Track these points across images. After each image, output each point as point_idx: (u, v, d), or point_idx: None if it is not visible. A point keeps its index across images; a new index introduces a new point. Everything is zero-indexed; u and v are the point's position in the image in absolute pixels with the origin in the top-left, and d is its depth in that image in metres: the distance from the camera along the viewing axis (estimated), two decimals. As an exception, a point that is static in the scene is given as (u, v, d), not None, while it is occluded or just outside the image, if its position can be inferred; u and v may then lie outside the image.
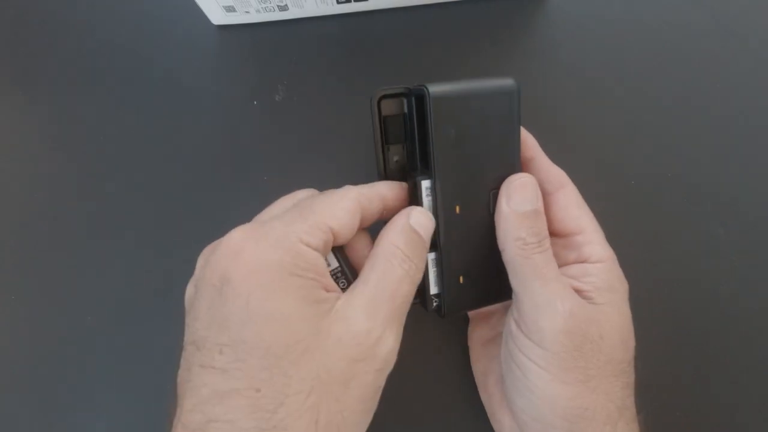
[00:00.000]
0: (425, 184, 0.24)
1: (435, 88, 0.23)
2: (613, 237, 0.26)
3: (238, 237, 0.21)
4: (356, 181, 0.34)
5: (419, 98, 0.24)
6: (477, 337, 0.30)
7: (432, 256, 0.25)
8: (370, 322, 0.21)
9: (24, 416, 0.31)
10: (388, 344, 0.21)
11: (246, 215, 0.33)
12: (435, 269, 0.26)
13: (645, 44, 0.37)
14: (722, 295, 0.33)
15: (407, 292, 0.22)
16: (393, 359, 0.22)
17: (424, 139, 0.25)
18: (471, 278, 0.26)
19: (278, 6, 0.35)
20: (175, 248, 0.33)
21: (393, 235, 0.23)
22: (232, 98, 0.36)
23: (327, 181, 0.34)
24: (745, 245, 0.33)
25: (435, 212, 0.25)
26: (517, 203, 0.24)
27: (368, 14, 0.37)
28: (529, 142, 0.27)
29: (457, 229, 0.25)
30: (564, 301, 0.23)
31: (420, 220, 0.24)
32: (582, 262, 0.25)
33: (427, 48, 0.36)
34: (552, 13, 0.37)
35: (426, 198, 0.25)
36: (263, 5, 0.34)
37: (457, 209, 0.25)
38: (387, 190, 0.25)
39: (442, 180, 0.24)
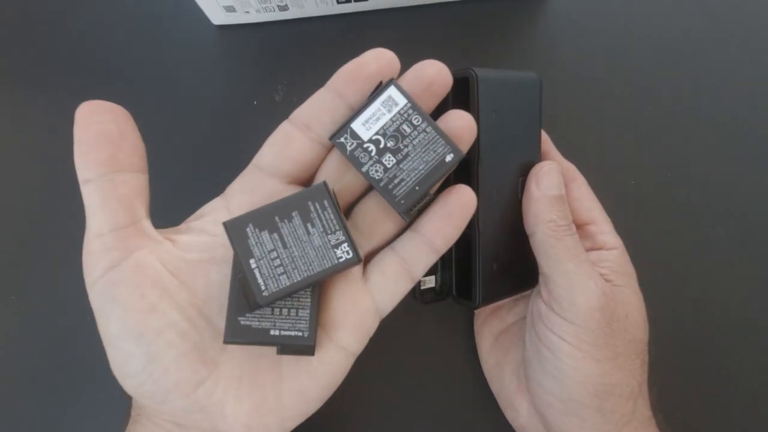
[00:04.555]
0: (390, 91, 0.22)
1: (481, 73, 0.24)
2: (613, 237, 0.27)
3: None
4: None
5: (459, 82, 0.25)
6: (487, 331, 0.30)
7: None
8: None
9: (24, 416, 0.31)
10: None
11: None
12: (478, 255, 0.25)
13: (645, 44, 0.37)
14: (722, 295, 0.33)
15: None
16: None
17: None
18: (503, 266, 0.26)
19: (278, 6, 0.35)
20: (175, 248, 0.33)
21: None
22: (232, 98, 0.36)
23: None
24: (745, 245, 0.33)
25: (477, 197, 0.25)
26: (546, 187, 0.25)
27: (368, 14, 0.37)
28: (542, 137, 0.28)
29: (493, 215, 0.26)
30: (597, 281, 0.24)
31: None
32: (597, 249, 0.26)
33: (427, 48, 0.36)
34: (552, 12, 0.37)
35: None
36: (263, 5, 0.34)
37: (494, 194, 0.25)
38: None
39: (485, 163, 0.25)
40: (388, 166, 0.21)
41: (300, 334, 0.21)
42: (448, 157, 0.21)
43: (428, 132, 0.21)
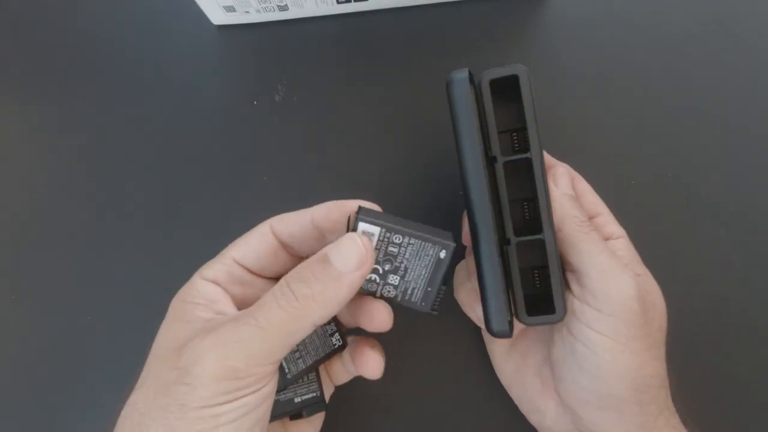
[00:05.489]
0: (362, 227, 0.21)
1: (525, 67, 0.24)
2: (613, 237, 0.27)
3: None
4: (356, 180, 0.34)
5: (505, 80, 0.24)
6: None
7: (413, 240, 0.22)
8: (202, 337, 0.19)
9: (24, 416, 0.31)
10: (202, 362, 0.19)
11: (244, 216, 0.33)
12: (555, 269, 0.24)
13: (645, 44, 0.37)
14: (722, 295, 0.33)
15: (266, 318, 0.20)
16: (206, 379, 0.19)
17: (487, 125, 0.25)
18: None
19: (278, 6, 0.35)
20: (175, 248, 0.33)
21: (297, 266, 0.21)
22: (232, 98, 0.36)
23: (326, 181, 0.34)
24: (746, 245, 0.33)
25: (544, 196, 0.24)
26: (564, 187, 0.26)
27: (368, 14, 0.37)
28: None
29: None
30: (628, 271, 0.24)
31: (340, 244, 0.20)
32: (606, 239, 0.27)
33: (427, 48, 0.36)
34: (552, 13, 0.37)
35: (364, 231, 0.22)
36: (263, 5, 0.34)
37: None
38: (316, 211, 0.24)
39: (540, 159, 0.24)
40: (396, 284, 0.23)
41: (315, 394, 0.26)
42: (442, 254, 0.22)
43: (413, 243, 0.22)
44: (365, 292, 0.23)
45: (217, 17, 0.36)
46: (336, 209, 0.23)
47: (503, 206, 0.25)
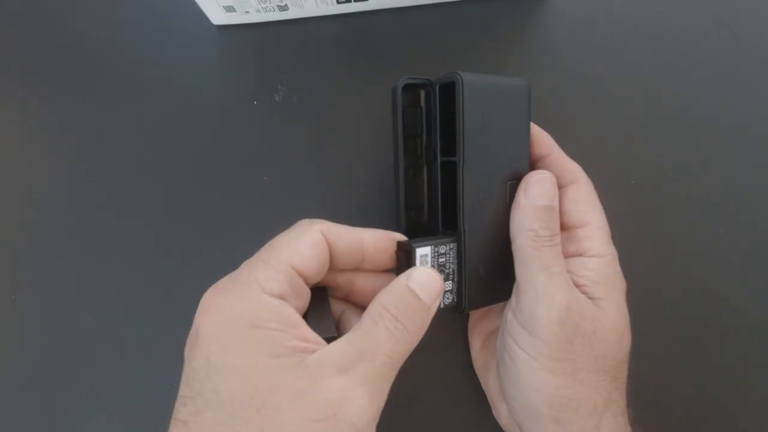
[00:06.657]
0: (420, 252, 0.24)
1: (467, 77, 0.24)
2: (612, 237, 0.27)
3: (208, 294, 0.21)
4: (355, 180, 0.34)
5: (446, 86, 0.26)
6: (478, 333, 0.30)
7: (451, 245, 0.26)
8: (338, 378, 0.19)
9: (24, 416, 0.31)
10: (356, 404, 0.19)
11: (244, 216, 0.33)
12: (456, 260, 0.26)
13: (645, 44, 0.37)
14: (722, 295, 0.33)
15: (391, 352, 0.20)
16: (364, 422, 0.19)
17: (447, 128, 0.26)
18: (491, 270, 0.26)
19: (278, 6, 0.35)
20: (175, 248, 0.33)
21: (384, 295, 0.22)
22: (232, 98, 0.36)
23: (327, 181, 0.34)
24: (745, 245, 0.33)
25: (461, 198, 0.25)
26: (533, 196, 0.25)
27: (368, 14, 0.37)
28: (544, 139, 0.28)
29: (479, 218, 0.26)
30: (563, 295, 0.23)
31: (421, 280, 0.22)
32: (579, 255, 0.26)
33: (427, 48, 0.36)
34: (552, 12, 0.37)
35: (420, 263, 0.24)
36: (263, 5, 0.34)
37: (480, 197, 0.25)
38: (367, 235, 0.24)
39: (470, 165, 0.25)
40: (450, 288, 0.25)
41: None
42: (455, 245, 0.26)
43: (452, 246, 0.25)
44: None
45: (217, 17, 0.36)
46: (386, 238, 0.24)
47: (437, 199, 0.28)
